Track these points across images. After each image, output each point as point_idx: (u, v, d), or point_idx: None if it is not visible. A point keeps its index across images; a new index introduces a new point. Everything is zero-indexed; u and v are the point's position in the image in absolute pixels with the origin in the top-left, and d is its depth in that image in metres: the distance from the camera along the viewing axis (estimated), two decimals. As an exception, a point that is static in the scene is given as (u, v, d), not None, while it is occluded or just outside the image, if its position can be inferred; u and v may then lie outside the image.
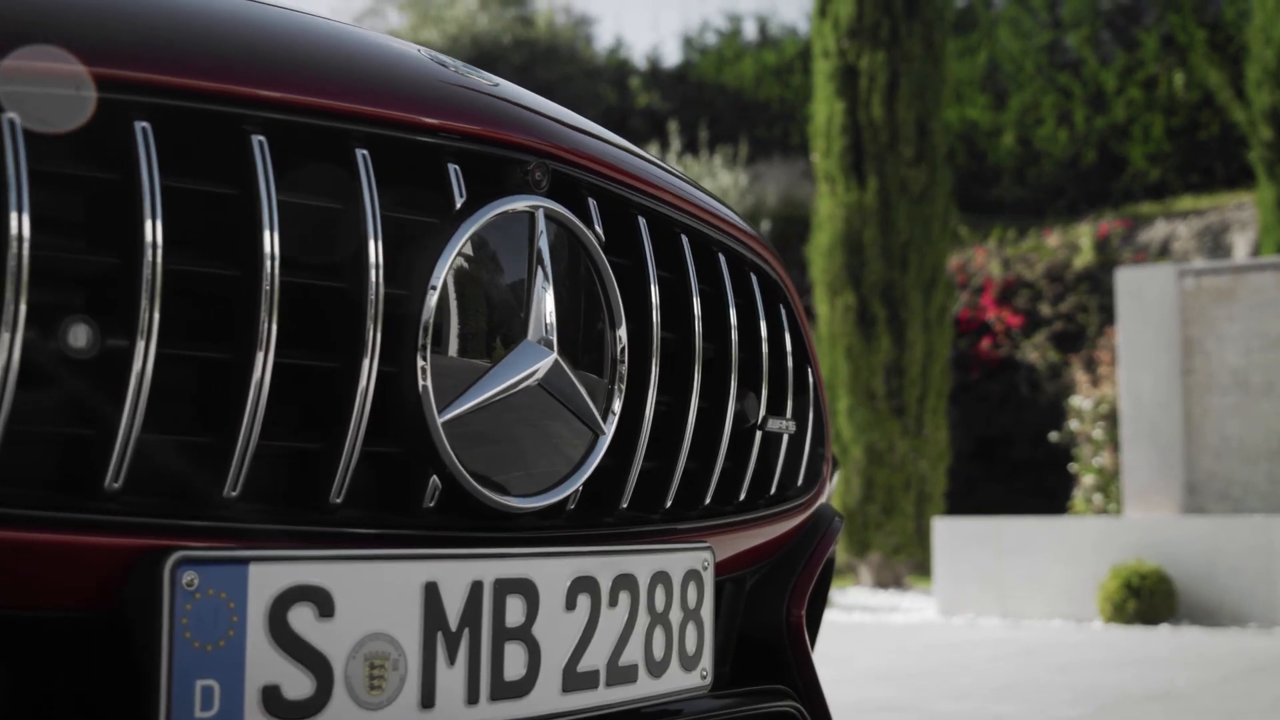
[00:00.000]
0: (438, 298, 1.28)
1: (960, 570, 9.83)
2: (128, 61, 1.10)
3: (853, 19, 12.55)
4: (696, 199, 1.66)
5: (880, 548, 12.24)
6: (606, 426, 1.46)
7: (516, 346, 1.35)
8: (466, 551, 1.31)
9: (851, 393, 12.32)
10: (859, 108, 12.51)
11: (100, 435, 1.09)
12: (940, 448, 12.48)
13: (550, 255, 1.39)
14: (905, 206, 12.36)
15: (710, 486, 1.67)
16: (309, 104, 1.22)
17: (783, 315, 1.84)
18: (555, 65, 25.98)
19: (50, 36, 1.07)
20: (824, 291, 12.64)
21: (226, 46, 1.19)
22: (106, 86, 1.09)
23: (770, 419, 1.77)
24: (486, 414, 1.33)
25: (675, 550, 1.57)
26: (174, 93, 1.14)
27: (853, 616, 9.76)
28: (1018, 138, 21.06)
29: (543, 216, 1.38)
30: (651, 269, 1.52)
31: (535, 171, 1.39)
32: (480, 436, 1.33)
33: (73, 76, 1.07)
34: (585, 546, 1.44)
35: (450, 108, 1.33)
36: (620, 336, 1.47)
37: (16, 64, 1.04)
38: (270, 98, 1.19)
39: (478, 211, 1.31)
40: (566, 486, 1.41)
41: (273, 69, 1.21)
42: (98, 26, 1.12)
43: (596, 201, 1.47)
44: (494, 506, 1.34)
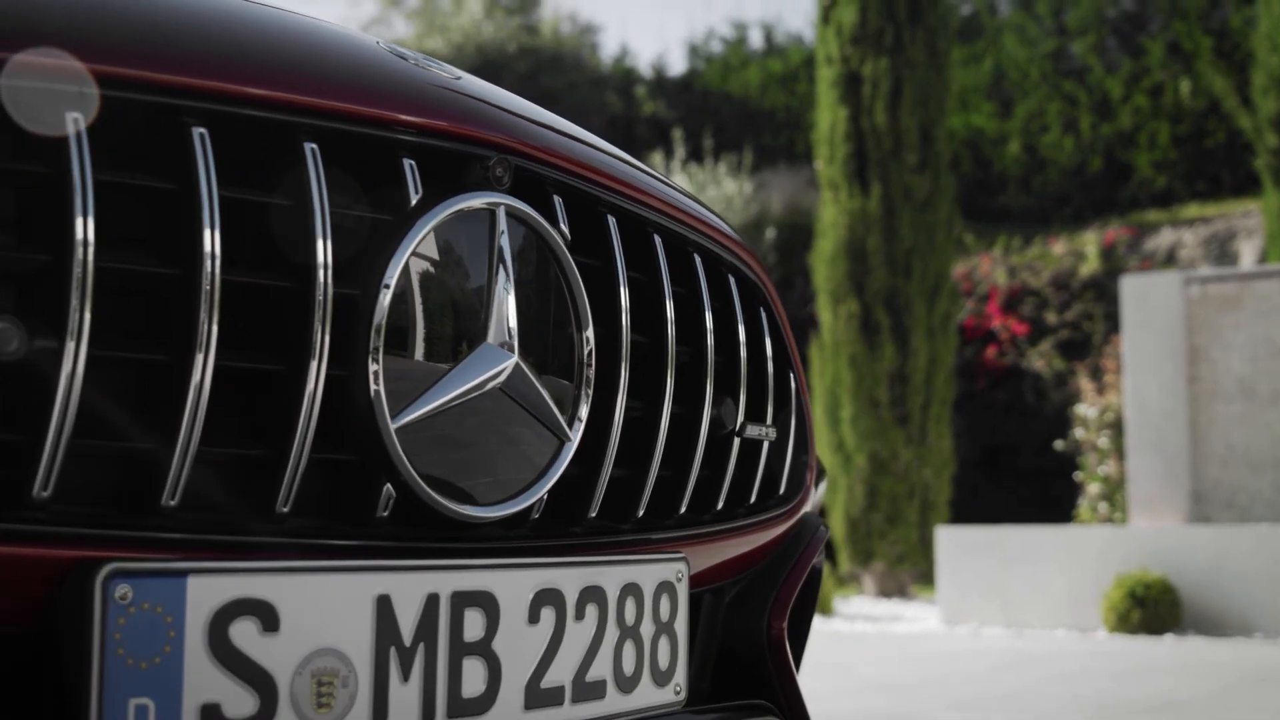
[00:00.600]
0: (391, 298, 1.22)
1: (964, 579, 9.76)
2: (60, 50, 1.05)
3: (856, 26, 12.50)
4: (670, 198, 1.61)
5: (884, 557, 12.17)
6: (572, 433, 1.40)
7: (476, 349, 1.29)
8: (422, 563, 1.26)
9: (855, 401, 12.25)
10: (862, 114, 12.45)
11: (28, 441, 1.04)
12: (944, 456, 12.41)
13: (513, 255, 1.34)
14: (909, 214, 12.30)
15: (685, 495, 1.62)
16: (253, 95, 1.17)
17: (763, 319, 1.79)
18: (560, 73, 25.93)
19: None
20: (827, 299, 12.58)
21: (165, 34, 1.14)
22: (36, 76, 1.04)
23: (749, 425, 1.72)
24: (445, 420, 1.28)
25: (647, 561, 1.52)
26: (110, 82, 1.09)
27: (856, 626, 9.70)
28: (1023, 145, 20.99)
29: (504, 214, 1.32)
30: (621, 269, 1.47)
31: (496, 168, 1.33)
32: (438, 443, 1.28)
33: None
34: (550, 557, 1.39)
35: (406, 100, 1.28)
36: (587, 339, 1.41)
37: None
38: (212, 88, 1.14)
39: (434, 208, 1.26)
40: (529, 495, 1.36)
41: (215, 58, 1.16)
42: (24, 14, 1.07)
43: (562, 199, 1.42)
44: (452, 516, 1.28)
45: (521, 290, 1.35)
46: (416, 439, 1.25)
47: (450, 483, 1.29)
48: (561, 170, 1.43)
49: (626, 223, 1.53)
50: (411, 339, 1.25)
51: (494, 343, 1.30)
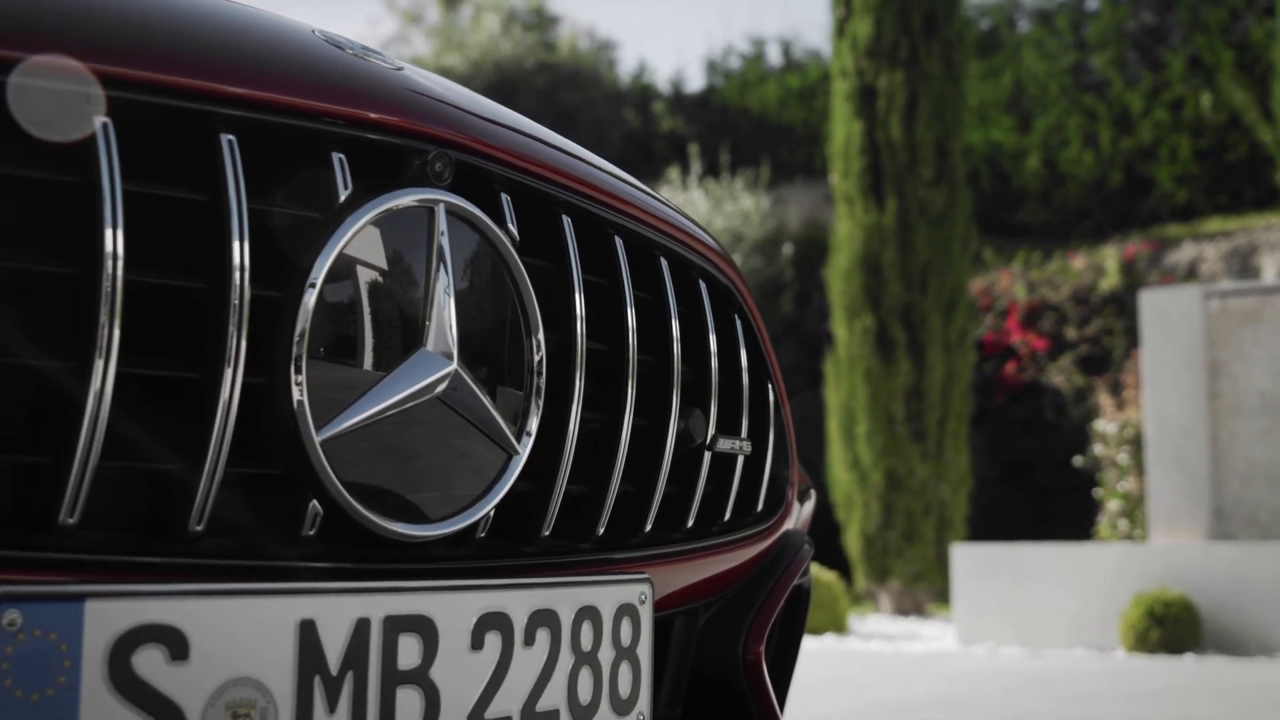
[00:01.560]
0: (318, 302, 1.14)
1: (980, 598, 9.63)
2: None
3: (871, 38, 12.41)
4: (634, 198, 1.53)
5: (900, 575, 12.03)
6: (521, 446, 1.32)
7: (412, 356, 1.21)
8: (351, 585, 1.17)
9: (870, 417, 12.13)
10: (877, 128, 12.35)
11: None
12: (961, 472, 12.27)
13: (455, 256, 1.25)
14: (924, 228, 12.19)
15: (650, 513, 1.53)
16: (163, 83, 1.08)
17: (737, 326, 1.70)
18: (578, 90, 25.89)
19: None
20: (842, 314, 12.47)
21: (62, 15, 1.06)
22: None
23: (720, 439, 1.63)
24: (379, 432, 1.19)
25: (606, 582, 1.43)
26: (5, 66, 1.01)
27: (871, 645, 9.57)
28: (1043, 160, 20.87)
29: (444, 212, 1.24)
30: (575, 272, 1.38)
31: (435, 163, 1.25)
32: (372, 457, 1.20)
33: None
34: (497, 579, 1.30)
35: (335, 90, 1.20)
36: (537, 346, 1.33)
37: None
38: (116, 74, 1.05)
39: (364, 206, 1.18)
40: (472, 513, 1.27)
41: (119, 43, 1.08)
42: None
43: (510, 197, 1.34)
44: (385, 535, 1.20)
45: (465, 294, 1.26)
46: (346, 452, 1.17)
47: (385, 499, 1.20)
48: (510, 167, 1.34)
49: (584, 223, 1.44)
50: (340, 345, 1.17)
51: (432, 349, 1.22)
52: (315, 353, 1.14)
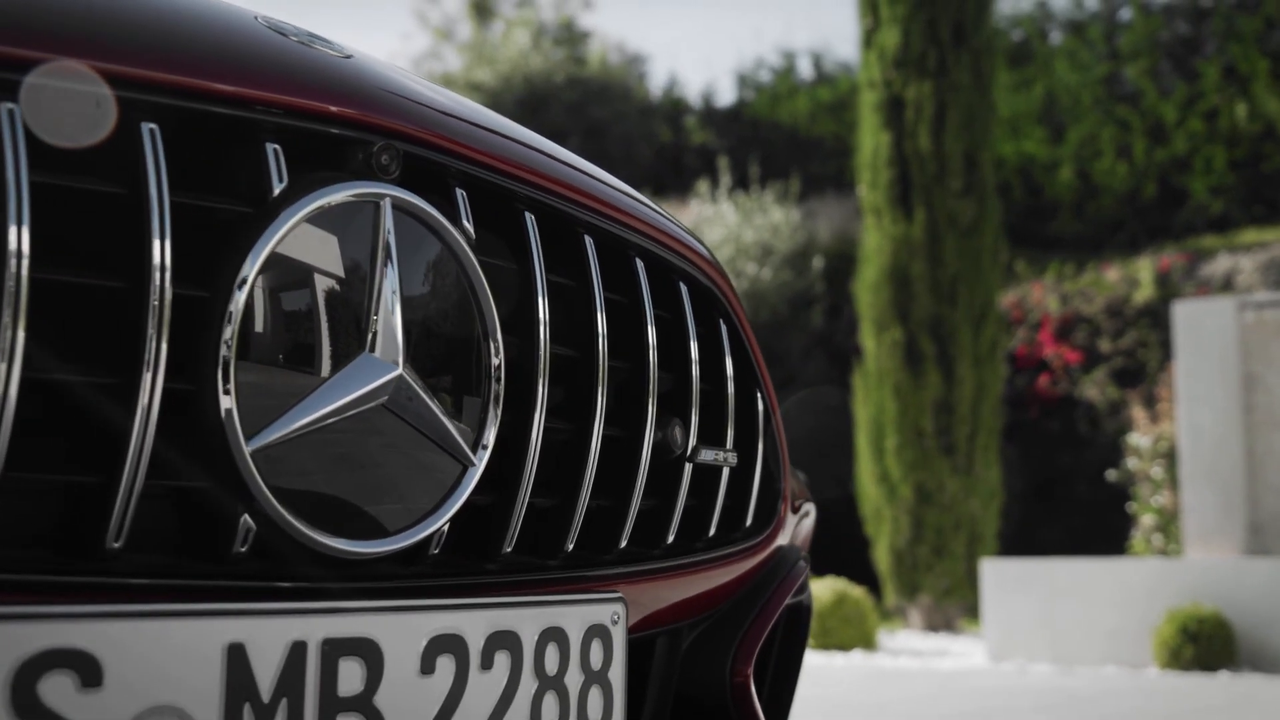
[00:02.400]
0: (249, 302, 1.07)
1: (1010, 614, 9.49)
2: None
3: (899, 49, 12.30)
4: (606, 195, 1.45)
5: (930, 590, 11.89)
6: (477, 457, 1.24)
7: (353, 361, 1.13)
8: (285, 606, 1.09)
9: (899, 431, 12.00)
10: (905, 139, 12.24)
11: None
12: (992, 487, 12.12)
13: (404, 254, 1.18)
14: (954, 239, 12.06)
15: (625, 528, 1.45)
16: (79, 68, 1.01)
17: (722, 332, 1.62)
18: (608, 104, 25.86)
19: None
20: (871, 327, 12.35)
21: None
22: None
23: (703, 450, 1.55)
24: (321, 442, 1.12)
25: (574, 602, 1.34)
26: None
27: (899, 661, 9.44)
28: (1076, 171, 20.71)
29: (390, 207, 1.16)
30: (539, 273, 1.31)
31: (381, 155, 1.17)
32: (312, 469, 1.12)
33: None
34: (451, 599, 1.22)
35: (272, 77, 1.12)
36: (495, 350, 1.25)
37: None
38: (21, 57, 0.98)
39: (301, 200, 1.10)
40: (423, 528, 1.19)
41: (27, 24, 1.00)
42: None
43: (467, 193, 1.26)
44: (325, 552, 1.12)
45: (415, 295, 1.19)
46: (282, 464, 1.09)
47: (326, 514, 1.13)
48: (467, 161, 1.26)
49: (550, 221, 1.36)
50: (274, 349, 1.09)
51: (376, 354, 1.14)
52: (246, 357, 1.07)
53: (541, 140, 1.43)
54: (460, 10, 31.66)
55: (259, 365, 1.08)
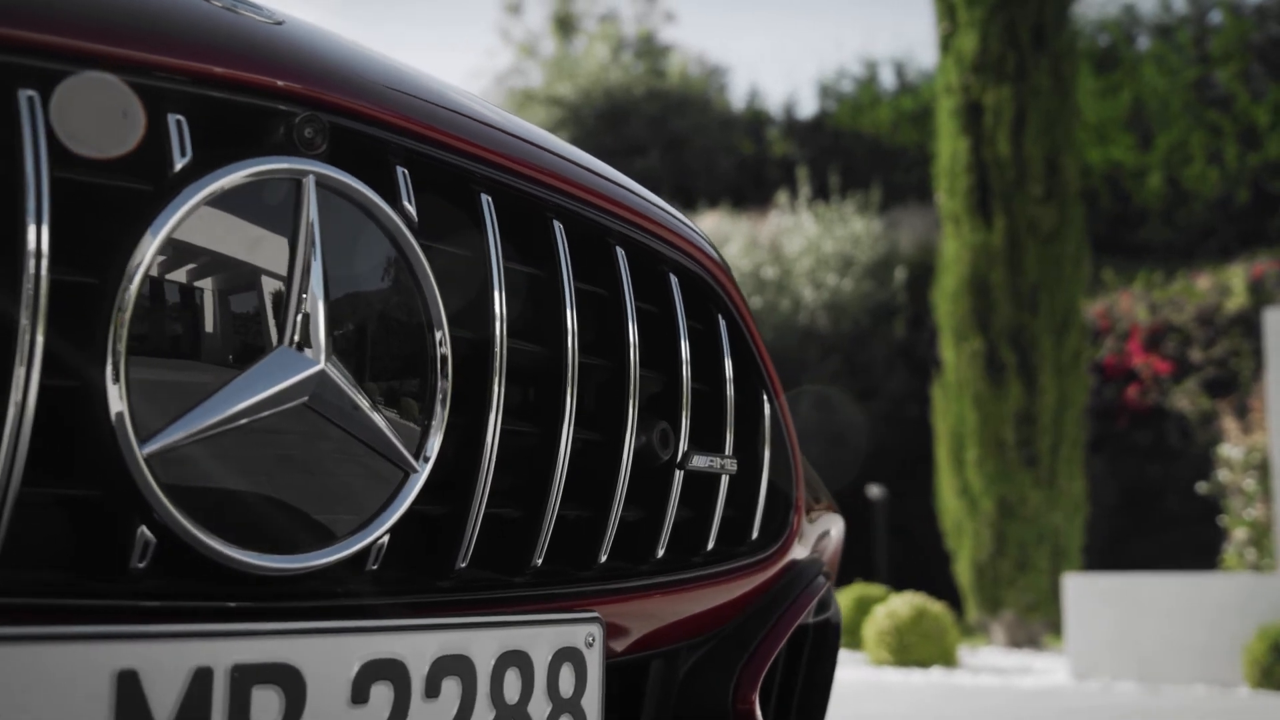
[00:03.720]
0: (146, 291, 0.96)
1: (1094, 630, 9.22)
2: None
3: (977, 53, 12.07)
4: (579, 178, 1.32)
5: (1013, 605, 11.62)
6: (420, 463, 1.12)
7: (268, 355, 1.02)
8: (188, 628, 0.98)
9: (980, 443, 11.74)
10: (984, 145, 11.99)
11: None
12: (1076, 500, 11.83)
13: (331, 238, 1.06)
14: (1034, 246, 11.80)
15: (604, 541, 1.32)
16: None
17: (721, 329, 1.49)
18: (688, 116, 25.77)
19: None
20: (950, 337, 12.11)
21: None
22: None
23: (696, 455, 1.42)
24: (234, 445, 1.00)
25: (539, 622, 1.22)
26: None
27: (979, 679, 9.21)
28: (1165, 178, 20.31)
29: (313, 185, 1.05)
30: (494, 259, 1.18)
31: (304, 127, 1.06)
32: (224, 476, 1.01)
33: None
34: (392, 619, 1.10)
35: (180, 42, 1.01)
36: (441, 343, 1.13)
37: None
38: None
39: (206, 177, 0.99)
40: (355, 541, 1.08)
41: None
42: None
43: (409, 172, 1.14)
44: (238, 568, 1.01)
45: (345, 282, 1.07)
46: (187, 469, 0.98)
47: (240, 526, 1.01)
48: (411, 136, 1.15)
49: (512, 204, 1.24)
50: (176, 342, 0.98)
51: (294, 347, 1.03)
52: (143, 351, 0.96)
53: (499, 114, 1.31)
54: (543, 26, 31.78)
55: (157, 360, 0.97)
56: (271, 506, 1.03)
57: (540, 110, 26.51)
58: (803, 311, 17.34)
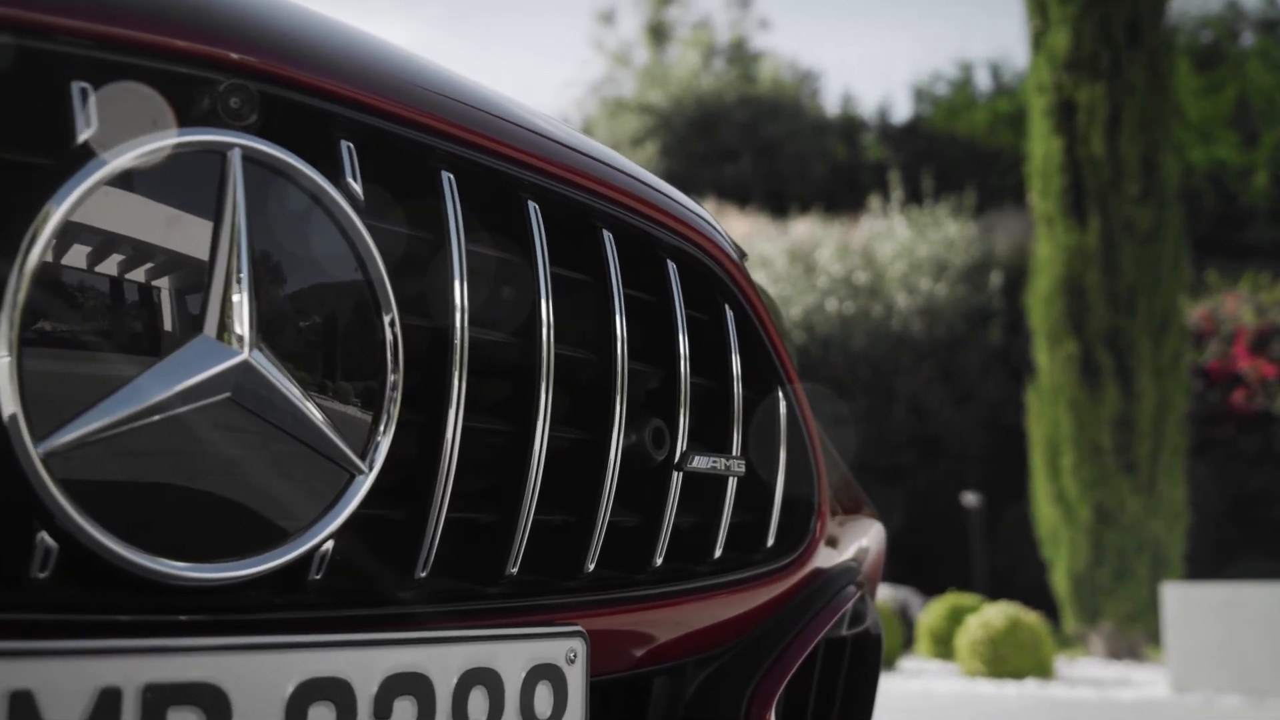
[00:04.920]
0: (43, 274, 0.87)
1: (1194, 642, 8.94)
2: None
3: (1069, 51, 11.80)
4: (554, 153, 1.22)
5: (1111, 615, 11.32)
6: (368, 462, 1.02)
7: (185, 345, 0.93)
8: (94, 645, 0.89)
9: (1076, 448, 11.46)
10: (1078, 144, 11.72)
11: None
12: (1177, 507, 11.50)
13: (261, 216, 0.97)
14: (1131, 247, 11.50)
15: (591, 549, 1.22)
16: None
17: (728, 319, 1.38)
18: (780, 121, 25.61)
19: None
20: (1044, 341, 11.84)
21: None
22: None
23: (696, 456, 1.31)
24: (151, 444, 0.92)
25: (510, 637, 1.12)
26: None
27: (1075, 691, 8.96)
28: (1271, 176, 19.80)
29: (239, 160, 0.96)
30: (455, 239, 1.08)
31: (229, 96, 0.97)
32: (141, 478, 0.92)
33: None
34: (335, 635, 1.01)
35: (83, 3, 0.93)
36: (390, 330, 1.03)
37: None
38: None
39: (113, 150, 0.91)
40: (292, 549, 0.98)
41: None
42: None
43: (356, 146, 1.05)
44: (153, 578, 0.92)
45: (278, 265, 0.98)
46: (93, 470, 0.89)
47: (157, 533, 0.92)
48: (358, 108, 1.05)
49: (479, 182, 1.15)
50: (80, 331, 0.90)
51: (215, 335, 0.94)
52: (41, 341, 0.87)
53: (463, 83, 1.21)
54: (636, 35, 31.80)
55: (58, 350, 0.88)
56: (195, 512, 0.94)
57: (632, 118, 26.50)
58: (895, 316, 17.11)
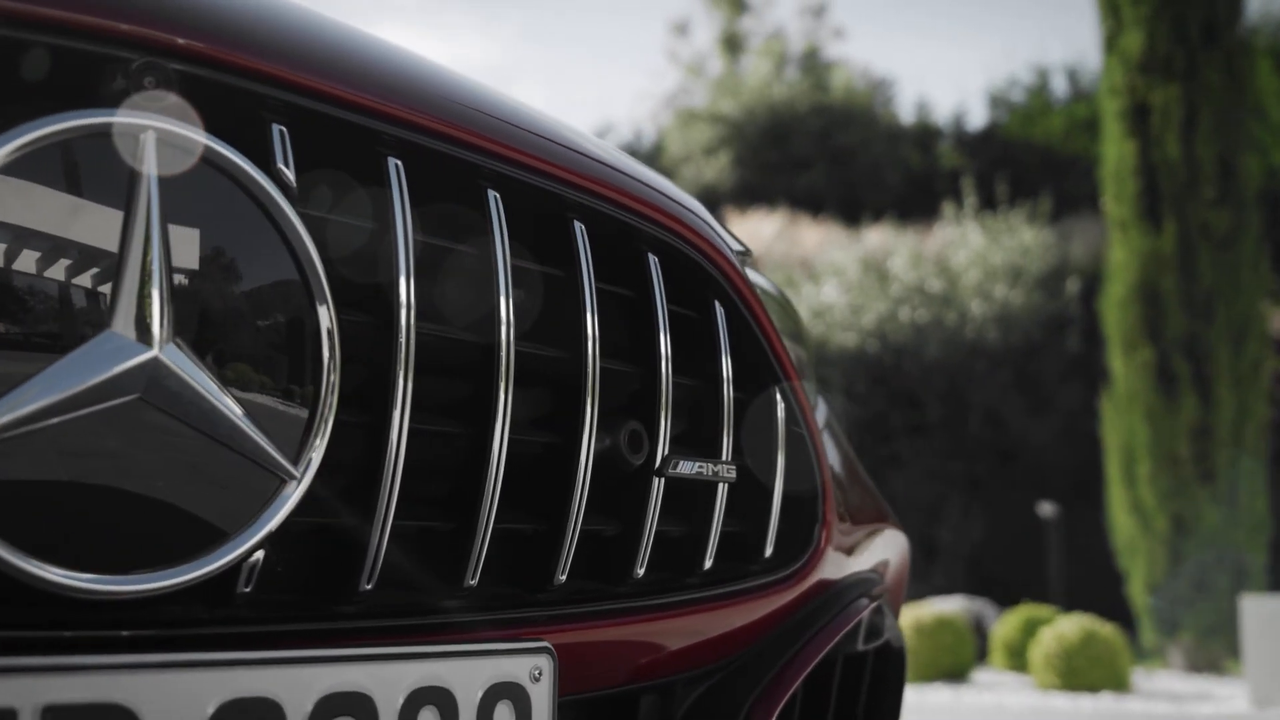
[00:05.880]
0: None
1: (1276, 656, 8.70)
2: None
3: (1143, 52, 11.57)
4: (519, 139, 1.15)
5: (1191, 628, 11.06)
6: (300, 467, 0.96)
7: (90, 341, 0.87)
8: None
9: (1152, 457, 11.22)
10: (1152, 147, 11.48)
11: None
12: (1258, 518, 11.22)
13: (178, 203, 0.91)
14: (1208, 252, 11.25)
15: (562, 558, 1.15)
16: None
17: (718, 317, 1.31)
18: (853, 130, 25.43)
19: None
20: (1118, 347, 11.61)
21: None
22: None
23: (682, 461, 1.23)
24: (56, 446, 0.85)
25: (469, 653, 1.05)
26: None
27: (1153, 706, 8.75)
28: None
29: (153, 143, 0.90)
30: (401, 227, 1.01)
31: (143, 75, 0.91)
32: (44, 484, 0.86)
33: None
34: (265, 652, 0.94)
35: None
36: (325, 323, 0.96)
37: None
38: None
39: (11, 132, 0.85)
40: (214, 559, 0.92)
41: None
42: None
43: (289, 130, 0.98)
44: (57, 591, 0.85)
45: (198, 257, 0.91)
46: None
47: (63, 542, 0.86)
48: (288, 88, 0.99)
49: (432, 168, 1.08)
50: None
51: (123, 331, 0.87)
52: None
53: (412, 60, 1.14)
54: (710, 46, 31.74)
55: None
56: (107, 521, 0.88)
57: (704, 128, 26.44)
58: (970, 324, 16.88)
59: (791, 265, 18.61)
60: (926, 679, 10.29)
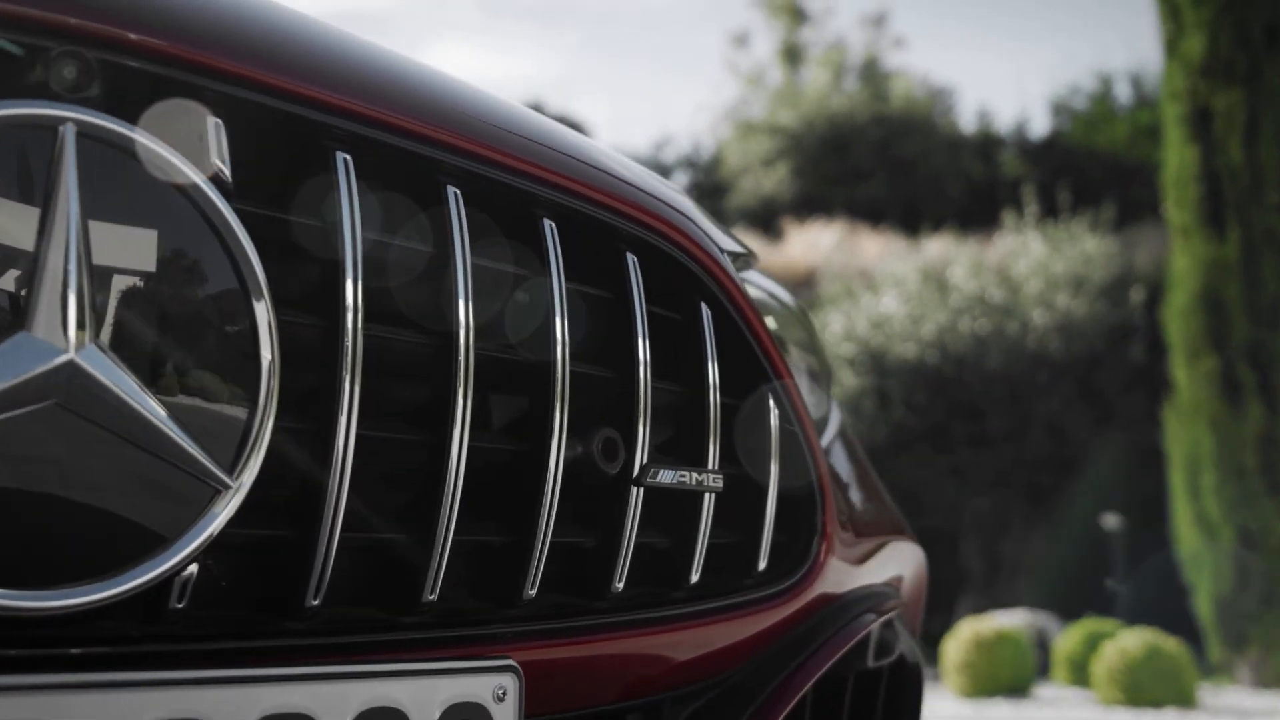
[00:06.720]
0: None
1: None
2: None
3: (1205, 56, 11.38)
4: (480, 131, 1.09)
5: (1259, 643, 10.83)
6: (235, 476, 0.91)
7: (3, 342, 0.82)
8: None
9: (1218, 468, 11.00)
10: (1214, 152, 11.28)
11: None
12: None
13: (102, 199, 0.86)
14: (1273, 258, 11.03)
15: (531, 572, 1.09)
16: None
17: (704, 319, 1.25)
18: (913, 139, 25.25)
19: None
20: (1182, 356, 11.40)
21: None
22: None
23: (662, 470, 1.18)
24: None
25: (426, 672, 1.00)
26: None
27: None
28: None
29: (72, 136, 0.85)
30: (349, 226, 0.97)
31: (62, 66, 0.87)
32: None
33: None
34: (200, 670, 0.89)
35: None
36: (262, 321, 0.92)
37: None
38: None
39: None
40: (141, 573, 0.87)
41: None
42: None
43: (224, 122, 0.93)
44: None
45: (123, 255, 0.87)
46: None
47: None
48: (234, 81, 0.94)
49: (386, 164, 1.03)
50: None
51: (40, 334, 0.83)
52: None
53: (363, 49, 1.09)
54: (770, 57, 31.65)
55: None
56: (25, 532, 0.84)
57: (763, 139, 26.35)
58: (1031, 334, 16.68)
59: (851, 276, 18.47)
60: (987, 694, 10.14)
